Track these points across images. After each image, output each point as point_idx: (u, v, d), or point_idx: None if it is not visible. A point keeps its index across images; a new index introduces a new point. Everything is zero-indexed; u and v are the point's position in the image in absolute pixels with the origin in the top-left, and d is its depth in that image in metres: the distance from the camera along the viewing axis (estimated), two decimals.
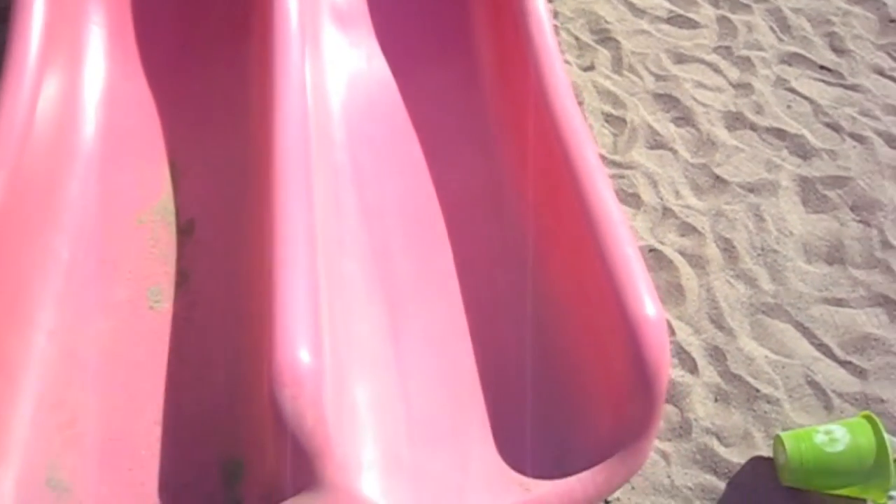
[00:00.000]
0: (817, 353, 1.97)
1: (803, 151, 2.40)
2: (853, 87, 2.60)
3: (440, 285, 1.67)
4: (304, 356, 1.31)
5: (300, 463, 1.30)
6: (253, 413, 1.38)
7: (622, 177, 2.27)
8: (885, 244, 2.19)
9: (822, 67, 2.67)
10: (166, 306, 1.63)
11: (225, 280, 1.65)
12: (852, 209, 2.27)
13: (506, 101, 1.89)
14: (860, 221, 2.24)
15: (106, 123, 1.89)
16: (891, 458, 1.65)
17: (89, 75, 1.93)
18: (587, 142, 1.63)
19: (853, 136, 2.46)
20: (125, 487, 1.39)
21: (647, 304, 1.39)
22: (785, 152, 2.40)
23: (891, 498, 1.67)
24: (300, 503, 1.32)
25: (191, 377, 1.52)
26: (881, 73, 2.65)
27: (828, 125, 2.49)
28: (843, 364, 1.95)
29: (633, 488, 1.72)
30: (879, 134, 2.47)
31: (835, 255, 2.17)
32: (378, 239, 1.71)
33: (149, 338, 1.58)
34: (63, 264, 1.65)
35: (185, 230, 1.75)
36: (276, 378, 1.28)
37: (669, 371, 1.39)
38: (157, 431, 1.46)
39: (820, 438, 1.70)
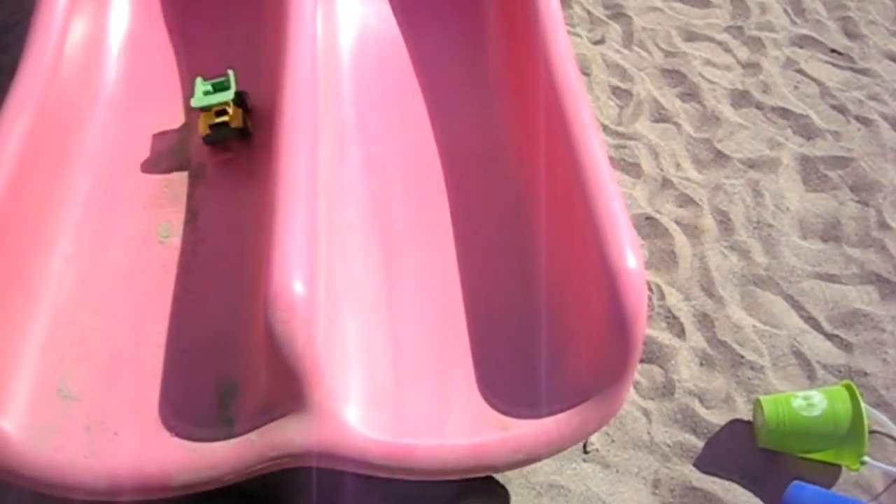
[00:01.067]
0: (805, 326, 2.01)
1: (807, 131, 2.43)
2: (863, 71, 2.62)
3: (435, 235, 1.74)
4: (298, 286, 1.39)
5: (289, 385, 1.38)
6: (249, 339, 1.47)
7: (624, 147, 2.33)
8: (882, 224, 2.22)
9: (833, 51, 2.69)
10: (175, 241, 1.72)
11: (230, 220, 1.73)
12: (852, 189, 2.30)
13: (508, 62, 1.96)
14: (859, 202, 2.28)
15: (127, 70, 1.99)
16: (865, 425, 1.69)
17: (114, 23, 2.03)
18: (583, 103, 1.69)
19: (859, 118, 2.49)
20: (128, 401, 1.48)
21: (628, 256, 1.45)
22: (789, 131, 2.44)
23: (863, 463, 1.72)
24: (288, 424, 1.40)
25: (194, 306, 1.61)
26: (893, 58, 2.67)
27: (834, 107, 2.51)
28: (830, 337, 2.00)
29: (612, 441, 1.78)
30: (886, 118, 2.49)
31: (830, 233, 2.20)
32: (378, 189, 1.79)
33: (157, 269, 1.67)
34: (81, 198, 1.74)
35: (196, 172, 1.83)
36: (270, 303, 1.36)
37: (645, 321, 1.44)
38: (160, 353, 1.55)
39: (798, 403, 1.75)
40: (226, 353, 1.53)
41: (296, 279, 1.39)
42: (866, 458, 1.71)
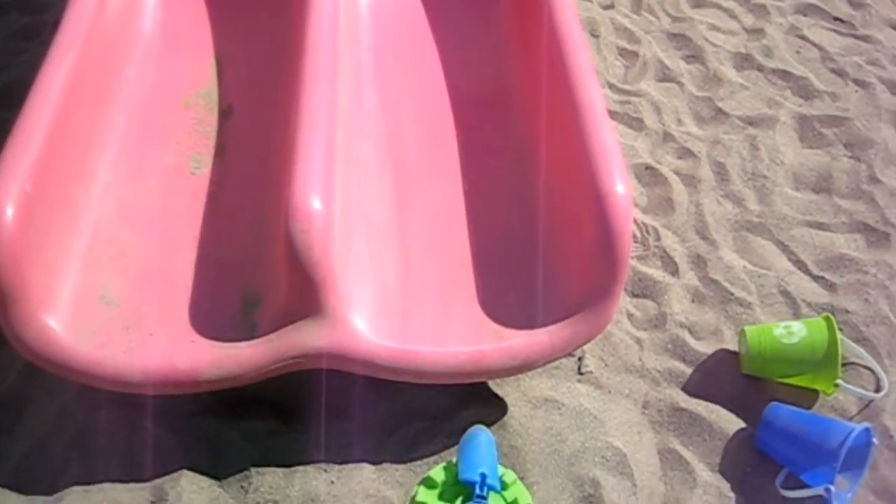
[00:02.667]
0: (793, 268, 2.13)
1: (806, 92, 2.54)
2: (864, 38, 2.72)
3: (445, 169, 1.89)
4: (316, 200, 1.54)
5: (306, 291, 1.53)
6: (272, 254, 1.62)
7: (628, 103, 2.45)
8: (872, 178, 2.33)
9: (836, 19, 2.79)
10: (205, 172, 1.88)
11: (256, 153, 1.88)
12: (846, 146, 2.41)
13: (517, 15, 2.09)
14: (851, 157, 2.38)
15: (163, 21, 2.15)
16: (840, 351, 1.81)
17: None
18: (582, 51, 1.82)
19: (857, 81, 2.59)
20: (162, 308, 1.64)
21: (617, 182, 1.58)
22: (788, 92, 2.55)
23: (836, 386, 1.83)
24: (304, 327, 1.56)
25: (221, 227, 1.77)
26: (894, 26, 2.77)
27: (833, 70, 2.62)
28: (816, 279, 2.11)
29: (606, 365, 1.92)
30: (883, 81, 2.60)
31: (822, 185, 2.31)
32: (393, 127, 1.94)
33: (188, 196, 1.83)
34: (120, 133, 1.91)
35: (225, 112, 1.99)
36: (290, 215, 1.51)
37: (631, 241, 1.57)
38: (191, 267, 1.71)
39: (779, 331, 1.87)
40: (250, 267, 1.68)
41: (314, 194, 1.54)
42: (839, 381, 1.83)
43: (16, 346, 1.56)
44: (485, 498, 1.14)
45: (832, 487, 1.66)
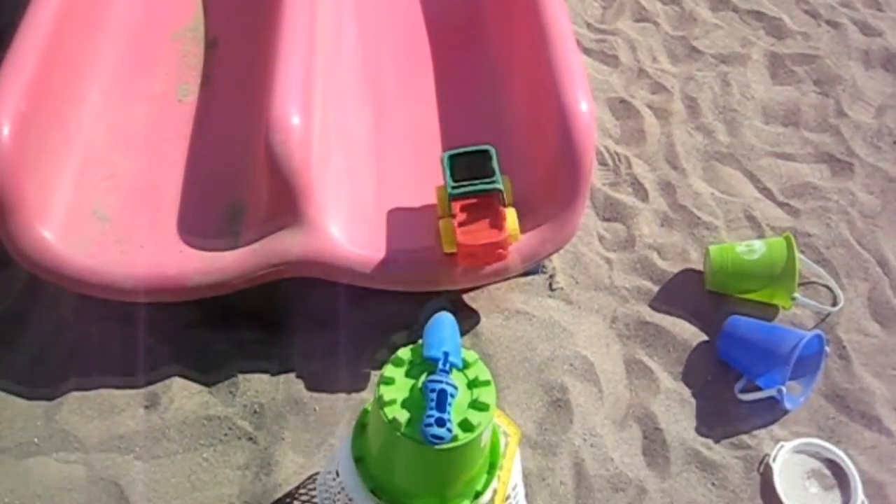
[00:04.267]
0: (759, 195, 2.22)
1: (779, 32, 2.61)
2: None
3: (421, 95, 1.97)
4: (295, 117, 1.63)
5: (286, 200, 1.63)
6: (255, 169, 1.71)
7: (604, 41, 2.52)
8: (840, 112, 2.41)
9: None
10: (192, 99, 1.97)
11: (241, 82, 1.97)
12: (815, 83, 2.49)
13: None
14: (820, 93, 2.46)
15: None
16: (797, 267, 1.90)
17: None
18: None
19: (829, 22, 2.66)
20: (152, 222, 1.74)
21: (581, 100, 1.67)
22: (761, 32, 2.62)
23: (794, 300, 1.93)
24: (285, 235, 1.65)
25: (207, 148, 1.86)
26: None
27: (806, 12, 2.69)
28: (781, 205, 2.20)
29: (577, 283, 2.01)
30: (855, 22, 2.67)
31: (791, 118, 2.40)
32: (372, 56, 2.02)
33: (176, 121, 1.92)
34: (111, 63, 1.99)
35: (211, 45, 2.07)
36: (270, 127, 1.60)
37: (594, 156, 1.66)
38: (178, 185, 1.80)
39: (741, 249, 1.97)
40: (235, 182, 1.78)
41: (293, 109, 1.63)
42: (797, 296, 1.93)
43: (14, 255, 1.66)
44: (447, 372, 1.23)
45: (784, 388, 1.76)
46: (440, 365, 1.24)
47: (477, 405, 1.24)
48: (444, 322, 1.32)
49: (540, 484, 1.70)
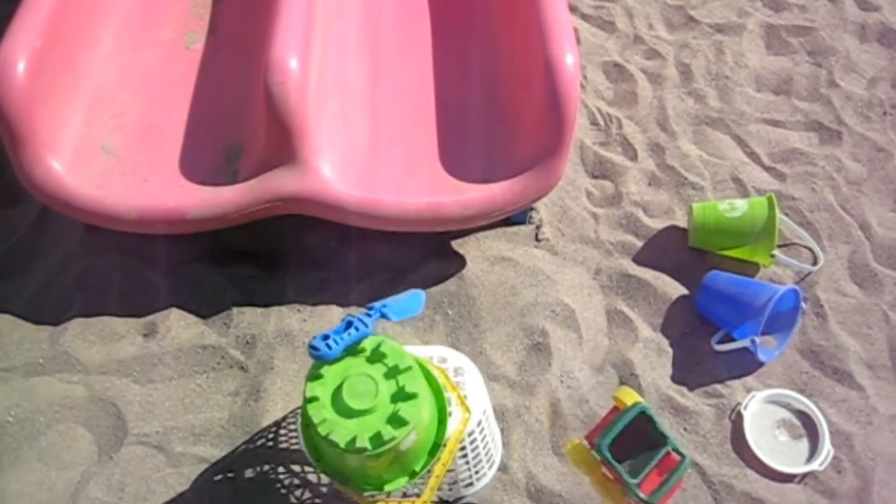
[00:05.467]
0: (746, 159, 2.27)
1: (776, 4, 2.65)
2: None
3: (417, 49, 2.04)
4: (293, 60, 1.71)
5: (282, 140, 1.71)
6: (254, 113, 1.79)
7: (602, 7, 2.58)
8: (831, 83, 2.45)
9: None
10: (198, 47, 2.05)
11: (245, 32, 2.05)
12: (809, 54, 2.53)
13: None
14: (813, 63, 2.51)
15: None
16: (777, 224, 1.96)
17: None
18: None
19: None
20: (155, 157, 1.83)
21: (566, 52, 1.73)
22: (759, 3, 2.66)
23: (773, 257, 1.99)
24: (280, 174, 1.73)
25: (211, 92, 1.94)
26: None
27: None
28: (768, 169, 2.25)
29: (563, 235, 2.08)
30: None
31: (783, 87, 2.44)
32: (372, 10, 2.10)
33: (182, 67, 2.00)
34: (123, 11, 2.08)
35: None
36: (269, 69, 1.68)
37: (577, 106, 1.72)
38: (183, 125, 1.89)
39: (723, 207, 2.02)
40: (235, 124, 1.86)
41: (291, 54, 1.71)
42: (776, 253, 1.98)
43: (25, 184, 1.75)
44: (370, 317, 1.33)
45: (757, 339, 1.82)
46: (370, 311, 1.35)
47: (395, 419, 1.26)
48: (411, 294, 1.43)
49: (516, 420, 1.77)
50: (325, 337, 1.30)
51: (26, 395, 1.77)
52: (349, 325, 1.31)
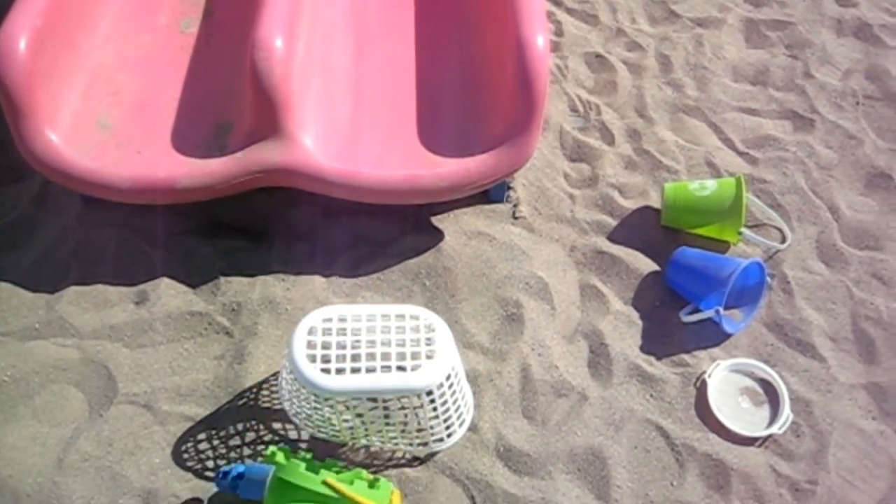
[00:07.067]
0: (721, 145, 2.35)
1: (756, 0, 2.74)
2: None
3: (399, 34, 2.14)
4: (279, 39, 1.81)
5: (268, 113, 1.81)
6: (243, 91, 1.88)
7: (586, 2, 2.67)
8: (807, 74, 2.53)
9: None
10: (193, 31, 2.15)
11: (237, 18, 2.14)
12: (787, 47, 2.61)
13: None
14: (790, 56, 2.59)
15: None
16: (744, 203, 2.03)
17: None
18: None
19: None
20: (149, 132, 1.93)
21: (537, 33, 1.82)
22: None
23: (740, 234, 2.06)
24: (265, 146, 1.83)
25: (203, 72, 2.05)
26: None
27: None
28: (741, 154, 2.33)
29: (540, 214, 2.16)
30: None
31: (759, 78, 2.52)
32: (358, 0, 2.20)
33: (177, 50, 2.11)
34: None
35: None
36: (255, 46, 1.78)
37: (547, 85, 1.81)
38: (175, 103, 1.99)
39: (693, 186, 2.10)
40: (225, 103, 1.96)
41: (277, 32, 1.81)
42: (743, 230, 2.05)
43: (25, 155, 1.85)
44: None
45: (721, 309, 1.89)
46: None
47: None
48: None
49: (488, 385, 1.85)
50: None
51: (22, 357, 1.86)
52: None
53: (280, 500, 1.52)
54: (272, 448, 1.58)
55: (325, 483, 1.49)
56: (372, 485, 1.56)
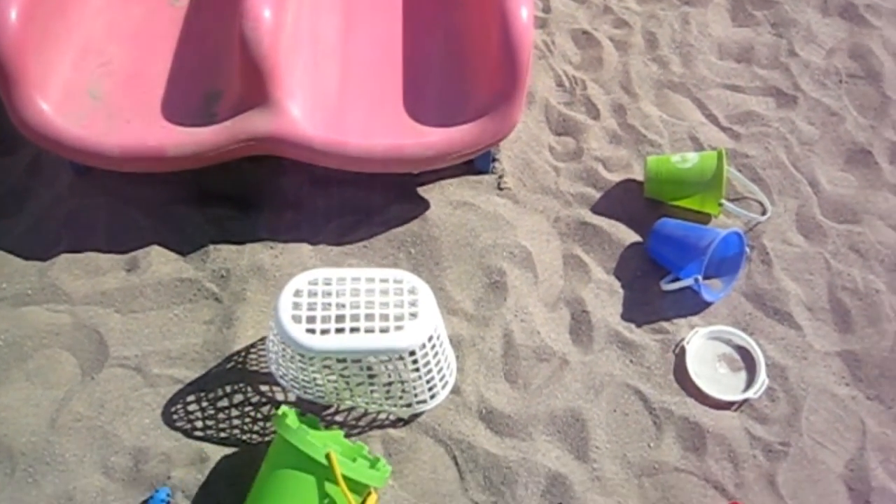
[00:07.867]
0: (705, 120, 2.39)
1: None
2: None
3: (387, 6, 2.17)
4: (266, 10, 1.84)
5: (256, 82, 1.84)
6: (232, 62, 1.91)
7: None
8: (791, 52, 2.56)
9: None
10: (183, 4, 2.18)
11: None
12: (772, 25, 2.64)
13: None
14: (775, 34, 2.62)
15: None
16: (724, 175, 2.07)
17: None
18: None
19: None
20: (139, 102, 1.96)
21: (521, 6, 1.85)
22: None
23: (721, 205, 2.10)
24: (254, 115, 1.86)
25: (193, 44, 2.07)
26: None
27: None
28: (724, 130, 2.37)
29: (524, 185, 2.20)
30: None
31: (744, 56, 2.55)
32: None
33: (168, 22, 2.13)
34: None
35: None
36: (243, 16, 1.81)
37: (530, 56, 1.84)
38: (165, 73, 2.01)
39: (675, 159, 2.14)
40: (214, 73, 1.99)
41: (265, 2, 1.83)
42: (724, 202, 2.09)
43: (16, 123, 1.88)
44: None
45: (699, 277, 1.93)
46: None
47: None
48: None
49: (471, 349, 1.89)
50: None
51: (15, 322, 1.90)
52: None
53: (280, 461, 1.55)
54: (284, 408, 1.60)
55: (327, 457, 1.50)
56: (373, 465, 1.59)
